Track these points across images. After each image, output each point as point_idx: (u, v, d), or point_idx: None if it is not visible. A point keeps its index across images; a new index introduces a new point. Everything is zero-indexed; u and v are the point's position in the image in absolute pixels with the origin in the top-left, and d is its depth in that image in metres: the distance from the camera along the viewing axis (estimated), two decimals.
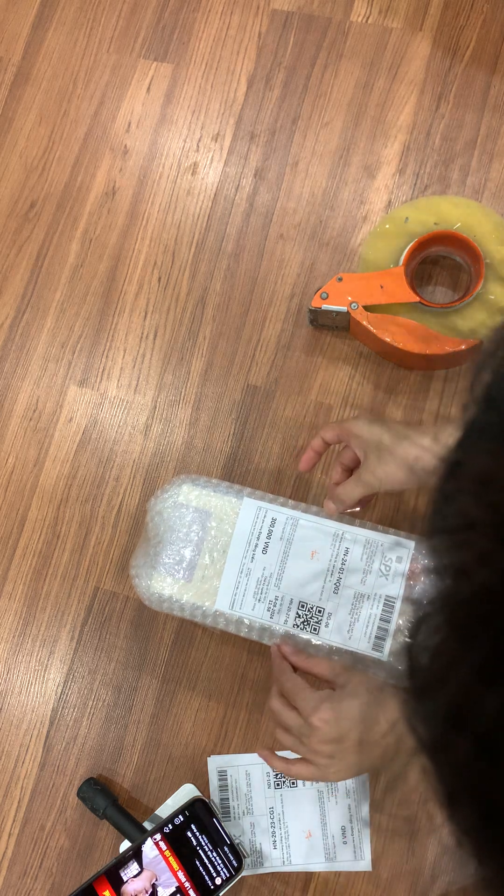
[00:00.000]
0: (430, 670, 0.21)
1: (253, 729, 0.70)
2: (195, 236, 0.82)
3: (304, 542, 0.65)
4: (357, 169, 0.81)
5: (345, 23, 0.85)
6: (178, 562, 0.66)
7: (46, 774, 0.72)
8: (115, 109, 0.87)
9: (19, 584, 0.76)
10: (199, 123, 0.85)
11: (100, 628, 0.74)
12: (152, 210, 0.84)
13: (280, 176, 0.83)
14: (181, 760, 0.70)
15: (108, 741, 0.72)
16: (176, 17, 0.89)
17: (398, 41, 0.83)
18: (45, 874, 0.70)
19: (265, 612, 0.65)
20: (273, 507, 0.66)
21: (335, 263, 0.79)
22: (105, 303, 0.82)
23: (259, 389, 0.77)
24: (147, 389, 0.79)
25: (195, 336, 0.80)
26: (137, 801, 0.70)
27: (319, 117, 0.83)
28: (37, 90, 0.89)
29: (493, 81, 0.81)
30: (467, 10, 0.83)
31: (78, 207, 0.85)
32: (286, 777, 0.67)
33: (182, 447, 0.77)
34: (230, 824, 0.67)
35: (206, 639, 0.72)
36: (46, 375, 0.81)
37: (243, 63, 0.86)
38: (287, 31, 0.86)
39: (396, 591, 0.63)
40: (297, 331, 0.78)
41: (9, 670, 0.75)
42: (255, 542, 0.65)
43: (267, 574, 0.65)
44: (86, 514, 0.77)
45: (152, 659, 0.73)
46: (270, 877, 0.67)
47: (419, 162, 0.80)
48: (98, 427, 0.79)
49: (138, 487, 0.77)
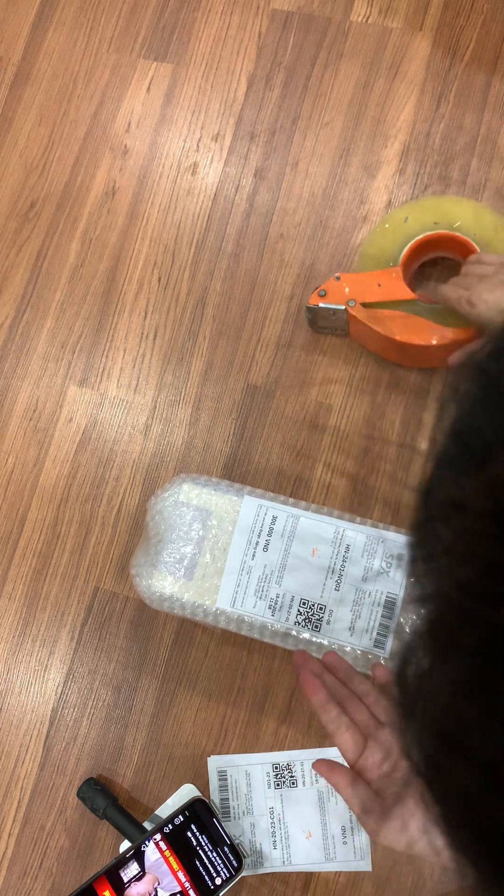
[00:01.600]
0: (415, 692, 0.21)
1: (253, 729, 0.70)
2: (195, 236, 0.82)
3: (305, 539, 0.65)
4: (357, 169, 0.81)
5: (345, 23, 0.85)
6: (179, 560, 0.66)
7: (46, 774, 0.72)
8: (115, 109, 0.87)
9: (19, 585, 0.76)
10: (199, 123, 0.85)
11: (100, 628, 0.74)
12: (152, 210, 0.84)
13: (280, 176, 0.83)
14: (181, 760, 0.70)
15: (108, 741, 0.72)
16: (176, 17, 0.89)
17: (398, 41, 0.83)
18: (45, 874, 0.70)
19: (266, 610, 0.65)
20: (274, 505, 0.66)
21: (335, 263, 0.79)
22: (105, 303, 0.82)
23: (259, 389, 0.77)
24: (147, 389, 0.79)
25: (195, 336, 0.80)
26: (137, 801, 0.70)
27: (319, 117, 0.83)
28: (37, 90, 0.89)
29: (493, 81, 0.81)
30: (467, 10, 0.83)
31: (78, 207, 0.85)
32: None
33: (182, 447, 0.77)
34: (230, 824, 0.67)
35: (206, 639, 0.72)
36: (46, 375, 0.81)
37: (243, 63, 0.86)
38: (287, 31, 0.86)
39: (398, 589, 0.63)
40: (297, 331, 0.78)
41: (9, 670, 0.75)
42: (256, 539, 0.65)
43: (268, 572, 0.65)
44: (86, 514, 0.77)
45: (152, 659, 0.73)
46: (270, 877, 0.67)
47: (419, 162, 0.80)
48: (98, 427, 0.79)
49: (138, 487, 0.77)
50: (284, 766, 0.68)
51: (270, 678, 0.70)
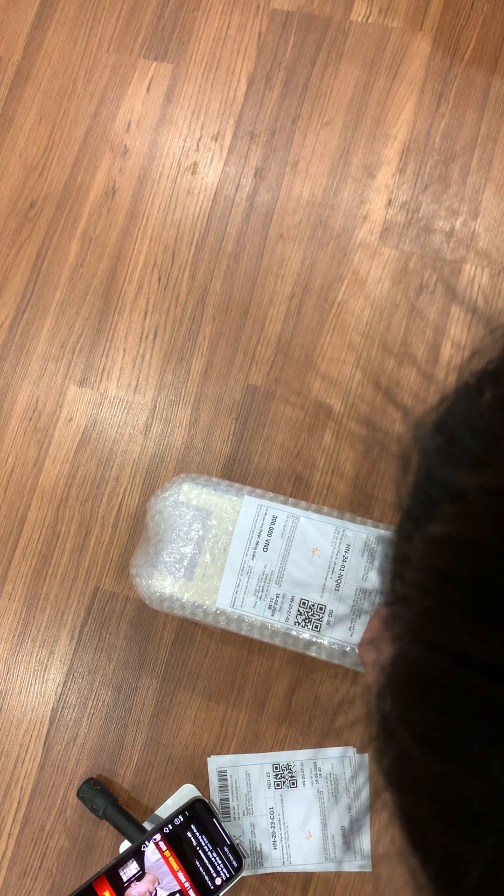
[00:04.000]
0: (380, 734, 0.22)
1: (253, 729, 0.70)
2: (195, 236, 0.82)
3: (305, 539, 0.65)
4: (357, 168, 0.81)
5: (345, 22, 0.85)
6: (179, 560, 0.66)
7: (46, 774, 0.72)
8: (114, 109, 0.87)
9: (19, 585, 0.76)
10: (198, 123, 0.85)
11: (99, 628, 0.74)
12: (152, 210, 0.84)
13: (280, 175, 0.83)
14: (181, 760, 0.70)
15: (107, 741, 0.72)
16: (176, 17, 0.89)
17: (398, 41, 0.83)
18: (44, 874, 0.70)
19: (266, 610, 0.65)
20: (274, 505, 0.66)
21: (335, 263, 0.79)
22: (105, 303, 0.82)
23: (259, 389, 0.77)
24: (147, 389, 0.79)
25: (195, 336, 0.80)
26: (137, 802, 0.70)
27: (319, 117, 0.83)
28: (36, 90, 0.89)
29: (494, 81, 0.81)
30: (467, 10, 0.83)
31: (78, 207, 0.85)
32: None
33: (182, 447, 0.77)
34: (230, 824, 0.67)
35: (206, 639, 0.72)
36: (46, 375, 0.81)
37: (243, 63, 0.86)
38: (287, 31, 0.86)
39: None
40: (297, 330, 0.78)
41: (8, 670, 0.74)
42: (256, 539, 0.65)
43: (268, 572, 0.65)
44: (86, 514, 0.77)
45: (152, 659, 0.72)
46: (270, 877, 0.67)
47: (419, 162, 0.80)
48: (98, 427, 0.79)
49: (138, 487, 0.77)
50: (284, 766, 0.68)
51: (270, 678, 0.70)
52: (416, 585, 0.20)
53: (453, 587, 0.19)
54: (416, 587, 0.20)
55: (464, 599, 0.18)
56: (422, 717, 0.19)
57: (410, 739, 0.20)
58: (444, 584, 0.19)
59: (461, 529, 0.19)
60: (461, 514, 0.20)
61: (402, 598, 0.21)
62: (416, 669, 0.20)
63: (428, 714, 0.19)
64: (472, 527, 0.19)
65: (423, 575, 0.20)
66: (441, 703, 0.18)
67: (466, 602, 0.18)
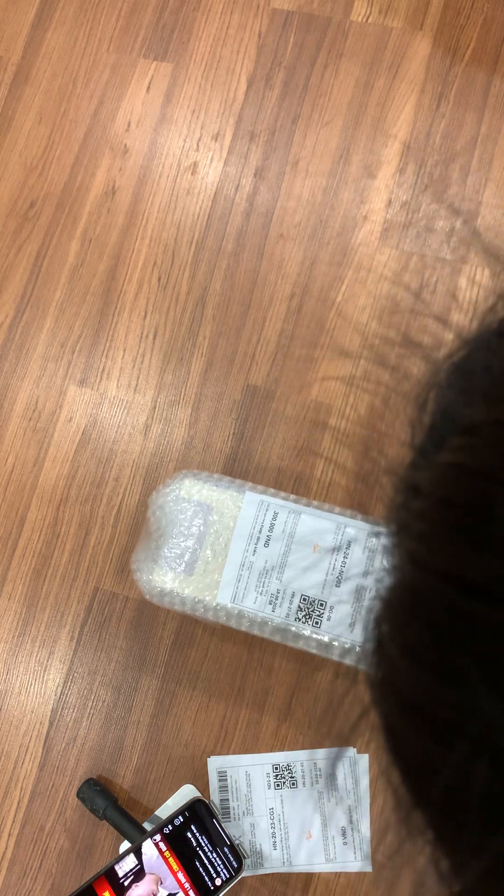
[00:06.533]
0: (374, 652, 0.23)
1: (253, 729, 0.70)
2: (195, 236, 0.82)
3: (306, 535, 0.65)
4: (357, 168, 0.81)
5: (345, 22, 0.85)
6: (180, 555, 0.66)
7: (46, 775, 0.71)
8: (114, 109, 0.87)
9: (19, 585, 0.76)
10: (198, 123, 0.85)
11: (99, 629, 0.74)
12: (152, 210, 0.84)
13: (280, 175, 0.83)
14: (181, 761, 0.70)
15: (107, 741, 0.71)
16: (176, 17, 0.89)
17: (398, 41, 0.83)
18: (44, 875, 0.69)
19: (267, 606, 0.64)
20: (275, 501, 0.66)
21: (335, 263, 0.79)
22: (105, 302, 0.82)
23: (259, 389, 0.77)
24: (147, 389, 0.79)
25: (195, 336, 0.80)
26: (137, 802, 0.70)
27: (319, 117, 0.83)
28: (36, 90, 0.89)
29: (494, 81, 0.81)
30: (467, 10, 0.83)
31: (77, 207, 0.85)
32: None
33: (182, 447, 0.77)
34: (230, 825, 0.67)
35: (206, 638, 0.72)
36: (46, 375, 0.81)
37: (243, 62, 0.86)
38: (287, 31, 0.86)
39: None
40: (297, 330, 0.78)
41: (8, 671, 0.74)
42: (257, 535, 0.65)
43: (269, 567, 0.65)
44: (85, 514, 0.77)
45: (152, 659, 0.72)
46: (271, 878, 0.67)
47: (419, 161, 0.80)
48: (98, 427, 0.79)
49: (138, 487, 0.77)
50: (284, 767, 0.68)
51: (270, 678, 0.70)
52: (420, 512, 0.21)
53: (455, 512, 0.20)
54: (419, 514, 0.21)
55: (464, 524, 0.19)
56: (412, 634, 0.20)
57: (399, 655, 0.21)
58: (447, 509, 0.20)
59: (468, 458, 0.20)
60: (470, 445, 0.21)
61: (405, 526, 0.22)
62: (412, 591, 0.21)
63: (419, 631, 0.20)
64: (479, 456, 0.20)
65: (428, 502, 0.21)
66: (432, 621, 0.19)
67: (466, 527, 0.19)
